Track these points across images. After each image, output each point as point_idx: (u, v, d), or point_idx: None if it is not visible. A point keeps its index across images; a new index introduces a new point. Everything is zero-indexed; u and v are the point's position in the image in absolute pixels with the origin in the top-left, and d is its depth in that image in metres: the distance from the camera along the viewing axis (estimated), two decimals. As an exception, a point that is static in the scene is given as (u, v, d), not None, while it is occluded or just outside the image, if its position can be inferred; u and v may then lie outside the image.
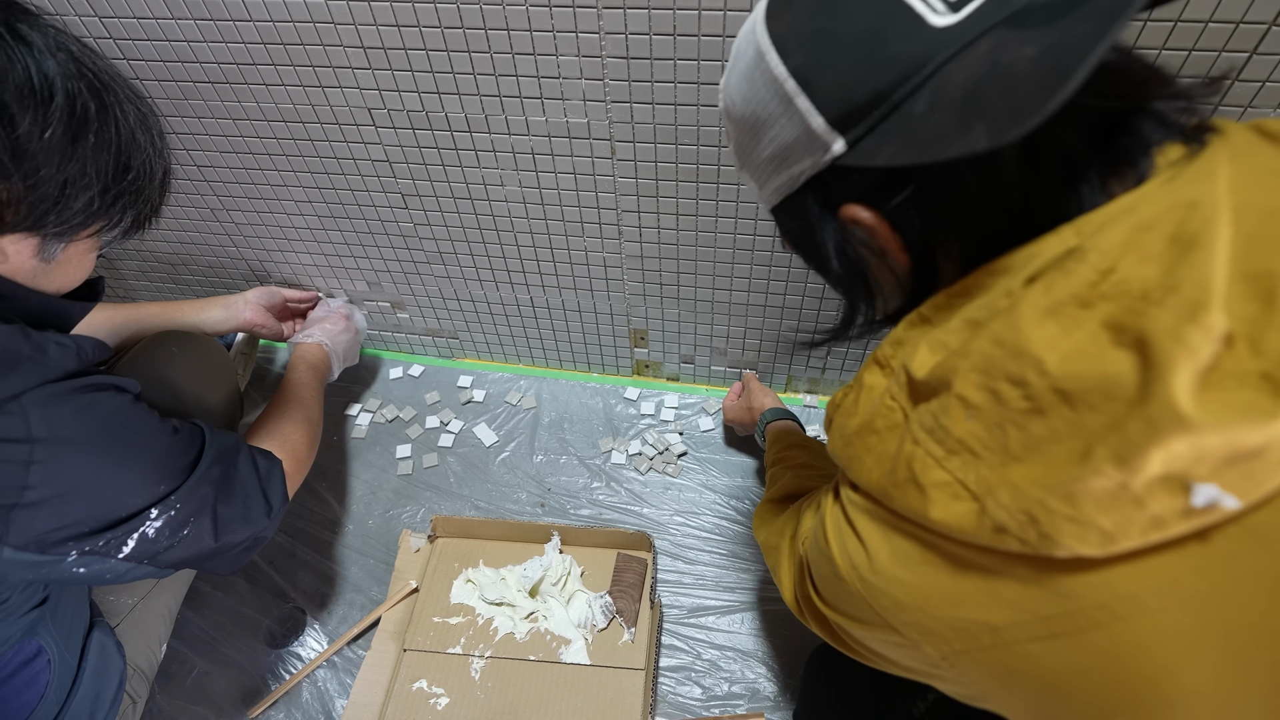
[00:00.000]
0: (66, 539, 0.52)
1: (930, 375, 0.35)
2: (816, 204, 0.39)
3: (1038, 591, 0.32)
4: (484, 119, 0.81)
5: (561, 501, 1.02)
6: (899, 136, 0.34)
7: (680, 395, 1.13)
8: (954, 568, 0.34)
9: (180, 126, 0.89)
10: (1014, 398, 0.31)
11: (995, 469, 0.32)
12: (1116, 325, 0.29)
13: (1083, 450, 0.29)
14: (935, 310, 0.37)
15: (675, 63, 0.71)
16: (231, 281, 1.13)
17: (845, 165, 0.36)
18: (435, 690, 0.82)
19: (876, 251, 0.39)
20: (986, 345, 0.32)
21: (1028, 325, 0.31)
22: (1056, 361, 0.30)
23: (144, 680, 0.78)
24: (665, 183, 0.83)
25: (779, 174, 0.40)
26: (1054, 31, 0.31)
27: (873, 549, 0.38)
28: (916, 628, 0.36)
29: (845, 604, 0.42)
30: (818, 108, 0.36)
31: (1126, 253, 0.29)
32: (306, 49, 0.77)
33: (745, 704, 0.84)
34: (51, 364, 0.50)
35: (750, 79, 0.39)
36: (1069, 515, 0.29)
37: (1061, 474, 0.29)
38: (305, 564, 0.97)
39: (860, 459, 0.39)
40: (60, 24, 0.47)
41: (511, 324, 1.11)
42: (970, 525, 0.32)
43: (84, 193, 0.48)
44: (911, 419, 0.35)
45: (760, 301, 0.97)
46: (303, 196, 0.96)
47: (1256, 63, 0.63)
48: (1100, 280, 0.30)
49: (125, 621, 0.77)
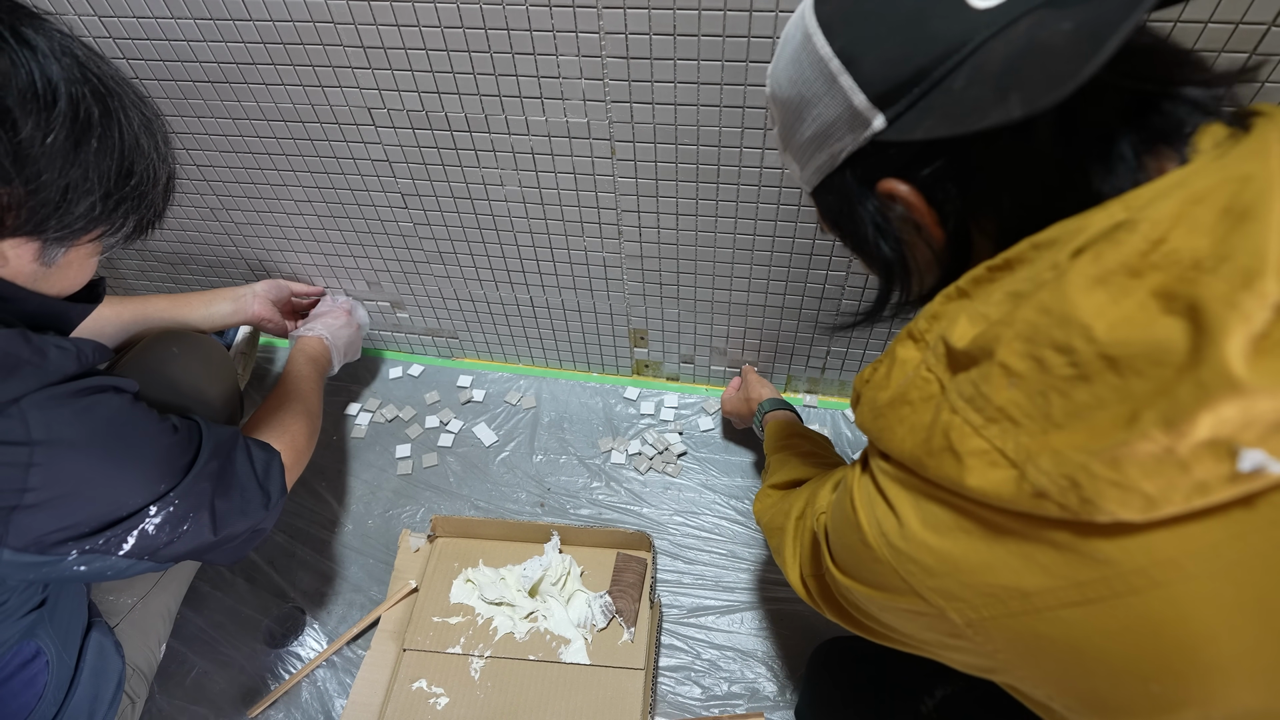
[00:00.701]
0: (67, 539, 0.52)
1: (971, 345, 0.35)
2: (856, 180, 0.41)
3: (1074, 557, 0.32)
4: (484, 119, 0.81)
5: (561, 501, 1.02)
6: (938, 110, 0.35)
7: (680, 395, 1.13)
8: (987, 534, 0.35)
9: (180, 126, 0.89)
10: (1059, 365, 0.31)
11: (1035, 436, 0.32)
12: (1167, 293, 0.29)
13: (1129, 415, 0.29)
14: (974, 284, 0.37)
15: (675, 63, 0.71)
16: (232, 281, 1.13)
17: (885, 141, 0.38)
18: (435, 690, 0.82)
19: (913, 226, 0.40)
20: (1032, 313, 0.32)
21: (1076, 293, 0.31)
22: (1105, 328, 0.30)
23: (143, 680, 0.78)
24: (665, 182, 0.83)
25: (821, 152, 0.42)
26: (1090, 7, 0.32)
27: (904, 516, 0.38)
28: (943, 593, 0.37)
29: (869, 574, 0.42)
30: (860, 85, 0.37)
31: (1178, 224, 0.29)
32: (306, 48, 0.77)
33: (745, 704, 0.84)
34: (51, 368, 0.50)
35: (797, 60, 0.40)
36: (1112, 480, 0.29)
37: (1107, 439, 0.29)
38: (305, 563, 0.97)
39: (892, 429, 0.39)
40: (66, 28, 0.47)
41: (511, 324, 1.11)
42: (1008, 491, 0.32)
43: (86, 198, 0.47)
44: (949, 389, 0.36)
45: (760, 301, 0.97)
46: (303, 196, 0.96)
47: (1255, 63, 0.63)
48: (1151, 250, 0.30)
49: (124, 621, 0.77)
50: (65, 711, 0.64)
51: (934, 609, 0.38)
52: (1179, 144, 0.34)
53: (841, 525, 0.45)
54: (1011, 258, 0.35)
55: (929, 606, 0.38)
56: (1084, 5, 0.32)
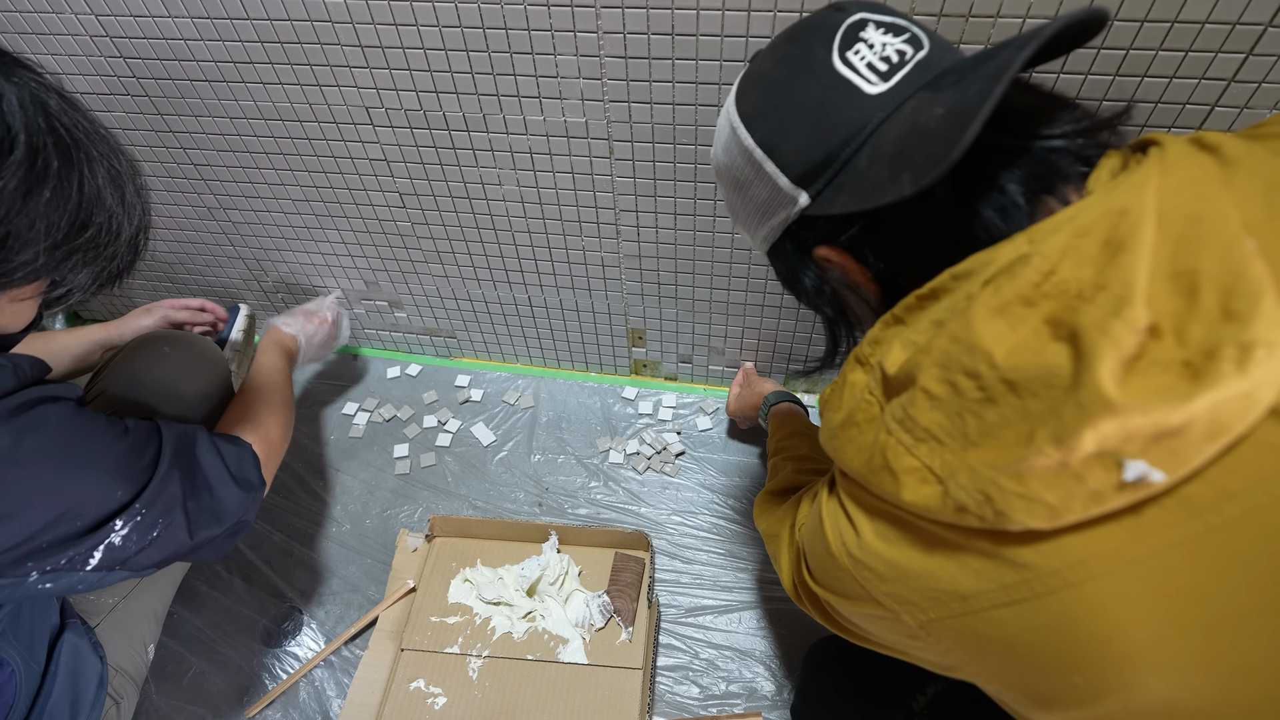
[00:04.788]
0: (23, 558, 0.50)
1: (900, 371, 0.38)
2: (794, 249, 0.46)
3: (999, 562, 0.35)
4: (482, 118, 0.81)
5: (559, 501, 1.02)
6: (848, 188, 0.40)
7: (678, 395, 1.13)
8: (926, 543, 0.38)
9: (177, 125, 0.88)
10: (969, 388, 0.34)
11: (956, 454, 0.35)
12: (1055, 321, 0.32)
13: (1027, 433, 0.32)
14: (906, 311, 0.40)
15: (673, 62, 0.71)
16: (229, 280, 1.13)
17: (812, 215, 0.43)
18: (433, 690, 0.82)
19: (850, 285, 0.46)
20: (945, 342, 0.36)
21: (979, 323, 0.34)
22: (1004, 354, 0.33)
23: (129, 681, 0.77)
24: (663, 182, 0.83)
25: (763, 225, 0.47)
26: (956, 92, 0.37)
27: (860, 528, 0.42)
28: (895, 598, 0.40)
29: (834, 581, 0.45)
30: (782, 169, 0.43)
31: (1066, 256, 0.33)
32: (304, 48, 0.77)
33: (743, 703, 0.84)
34: None
35: (729, 149, 0.46)
36: (1018, 492, 0.32)
37: (1010, 455, 0.33)
38: (302, 563, 0.97)
39: (844, 449, 0.42)
40: (48, 78, 0.46)
41: (509, 323, 1.11)
42: (936, 505, 0.35)
43: (28, 248, 0.45)
44: (886, 412, 0.39)
45: (758, 301, 0.97)
46: (300, 195, 0.96)
47: (1253, 64, 0.63)
48: (1043, 281, 0.33)
49: (105, 621, 0.76)
50: (43, 716, 0.63)
51: (890, 613, 0.41)
52: (1067, 183, 0.38)
53: (812, 537, 0.48)
54: (936, 287, 0.39)
55: (885, 611, 0.41)
56: (952, 90, 0.38)
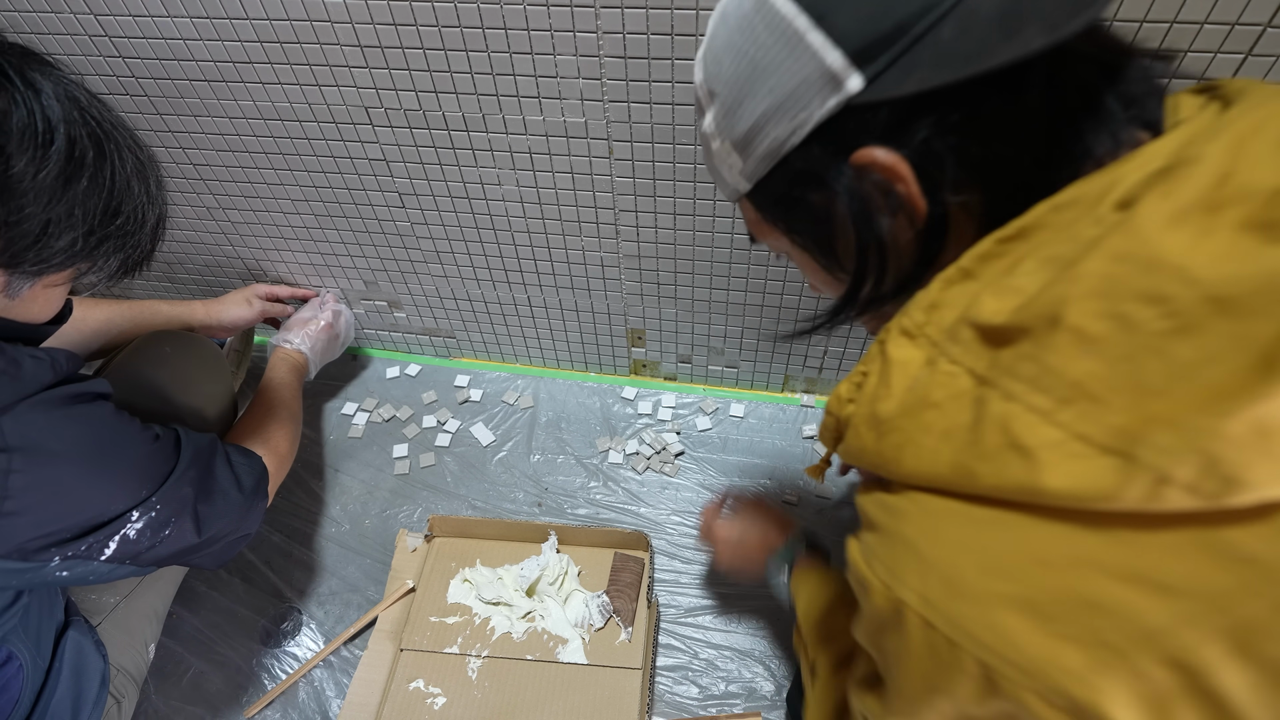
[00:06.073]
0: (49, 545, 0.53)
1: (1014, 319, 0.30)
2: (826, 153, 0.36)
3: (1212, 558, 0.26)
4: (481, 118, 0.81)
5: (559, 501, 1.02)
6: (927, 63, 0.32)
7: (678, 395, 1.13)
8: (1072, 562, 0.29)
9: (176, 125, 0.88)
10: (1150, 318, 0.26)
11: (1131, 411, 0.27)
12: (1260, 224, 0.26)
13: (1259, 363, 0.24)
14: (980, 261, 0.33)
15: (673, 62, 0.71)
16: (228, 280, 1.13)
17: (861, 104, 0.34)
18: (432, 690, 0.82)
19: (892, 202, 0.36)
20: (1105, 265, 0.28)
21: (1157, 234, 0.27)
22: (1205, 265, 0.26)
23: (130, 680, 0.77)
24: (663, 182, 0.83)
25: (777, 127, 0.37)
26: None
27: (950, 562, 0.32)
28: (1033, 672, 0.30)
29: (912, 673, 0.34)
30: (835, 41, 0.34)
31: (1239, 159, 0.27)
32: (303, 47, 0.77)
33: (742, 703, 0.84)
34: (28, 378, 0.51)
35: (746, 29, 0.37)
36: (1261, 448, 0.24)
37: (1237, 398, 0.25)
38: (301, 563, 0.97)
39: (915, 442, 0.33)
40: (75, 77, 0.49)
41: (509, 323, 1.11)
42: (1109, 485, 0.27)
43: (67, 233, 0.49)
44: (995, 374, 0.31)
45: (758, 301, 0.97)
46: (299, 195, 0.96)
47: (1252, 64, 0.63)
48: (1221, 183, 0.27)
49: (107, 621, 0.77)
50: (46, 713, 0.64)
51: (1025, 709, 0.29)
52: (1159, 111, 0.34)
53: (874, 631, 0.36)
54: (1027, 225, 0.32)
55: (1015, 704, 0.29)
56: None
